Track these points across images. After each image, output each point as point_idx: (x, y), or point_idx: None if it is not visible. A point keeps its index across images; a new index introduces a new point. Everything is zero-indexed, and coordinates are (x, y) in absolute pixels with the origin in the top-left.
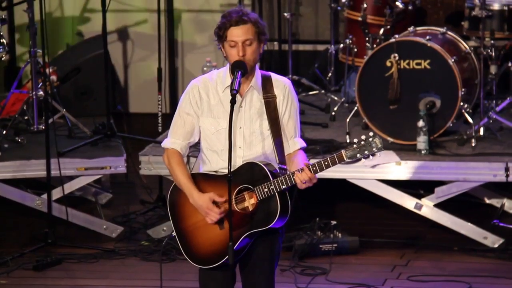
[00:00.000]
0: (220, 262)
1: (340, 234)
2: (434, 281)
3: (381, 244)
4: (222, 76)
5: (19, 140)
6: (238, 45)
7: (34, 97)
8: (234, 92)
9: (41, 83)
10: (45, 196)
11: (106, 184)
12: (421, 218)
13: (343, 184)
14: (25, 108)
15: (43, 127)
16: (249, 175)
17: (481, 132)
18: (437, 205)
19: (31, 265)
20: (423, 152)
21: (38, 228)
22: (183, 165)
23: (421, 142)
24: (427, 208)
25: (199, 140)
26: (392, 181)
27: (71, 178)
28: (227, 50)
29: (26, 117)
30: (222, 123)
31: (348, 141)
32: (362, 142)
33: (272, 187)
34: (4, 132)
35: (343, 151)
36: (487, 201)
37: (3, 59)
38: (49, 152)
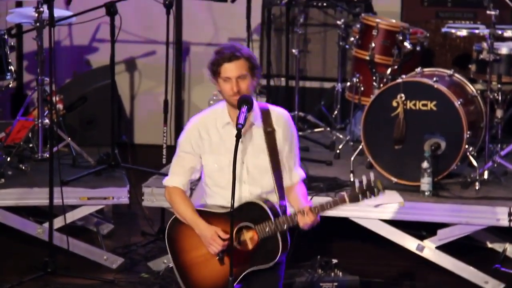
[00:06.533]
0: None
1: (340, 273)
2: None
3: (382, 285)
4: (219, 112)
5: (23, 167)
6: (232, 80)
7: (39, 125)
8: (240, 127)
9: (47, 111)
10: (46, 224)
11: (108, 214)
12: (423, 260)
13: (345, 222)
14: (30, 135)
15: (48, 155)
16: (250, 213)
17: (485, 176)
18: (439, 247)
19: None
20: (426, 193)
21: (38, 257)
22: (187, 200)
23: (425, 183)
24: (429, 250)
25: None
26: (395, 222)
27: (73, 207)
28: (221, 85)
29: (30, 145)
30: (225, 160)
31: (352, 179)
32: (364, 185)
33: (273, 226)
34: (9, 159)
35: (345, 194)
36: (489, 245)
37: (10, 86)
38: (52, 180)
